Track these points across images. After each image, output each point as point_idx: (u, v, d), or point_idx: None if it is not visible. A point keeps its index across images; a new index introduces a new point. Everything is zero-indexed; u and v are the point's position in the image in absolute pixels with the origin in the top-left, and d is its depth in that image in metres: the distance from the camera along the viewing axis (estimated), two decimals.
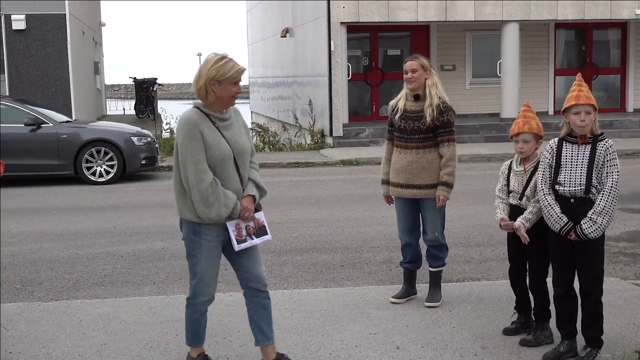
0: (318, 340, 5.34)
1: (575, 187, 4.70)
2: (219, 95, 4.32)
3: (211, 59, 4.34)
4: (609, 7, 19.84)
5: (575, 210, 4.71)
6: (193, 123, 4.28)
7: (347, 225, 9.65)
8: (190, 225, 4.51)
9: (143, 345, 5.33)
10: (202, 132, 4.27)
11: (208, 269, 4.57)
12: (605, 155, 4.67)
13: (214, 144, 4.29)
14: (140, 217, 10.44)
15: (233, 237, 4.47)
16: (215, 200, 4.30)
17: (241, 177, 4.45)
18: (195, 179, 4.29)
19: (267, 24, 28.64)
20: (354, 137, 19.28)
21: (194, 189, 4.31)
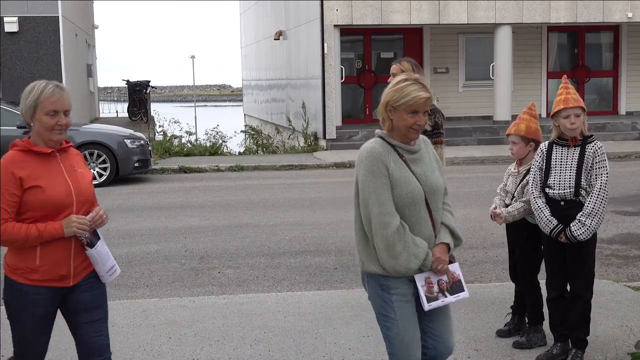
0: (311, 342, 5.34)
1: (564, 189, 4.72)
2: (395, 124, 3.66)
3: (395, 80, 3.73)
4: (602, 10, 19.90)
5: (565, 213, 4.72)
6: (377, 156, 3.59)
7: (341, 227, 9.65)
8: (375, 279, 3.71)
9: (136, 348, 5.32)
10: (387, 167, 3.58)
11: (407, 330, 3.66)
12: (594, 157, 4.68)
13: (401, 180, 3.59)
14: (133, 220, 10.42)
15: (422, 293, 3.69)
16: (403, 249, 3.57)
17: (433, 221, 3.76)
18: (379, 223, 3.55)
19: (260, 27, 28.65)
20: (347, 139, 19.29)
21: (378, 235, 3.58)
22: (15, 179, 3.54)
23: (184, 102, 68.92)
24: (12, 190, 3.53)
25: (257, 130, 22.76)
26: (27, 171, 3.57)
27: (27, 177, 3.56)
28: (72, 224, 3.58)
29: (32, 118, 3.62)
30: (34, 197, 3.56)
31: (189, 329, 5.68)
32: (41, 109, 3.59)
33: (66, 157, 3.74)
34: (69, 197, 3.63)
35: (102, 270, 3.83)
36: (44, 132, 3.62)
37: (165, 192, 13.28)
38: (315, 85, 19.82)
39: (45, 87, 3.62)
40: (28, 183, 3.55)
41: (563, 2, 19.67)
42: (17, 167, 3.56)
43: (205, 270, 7.75)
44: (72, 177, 3.68)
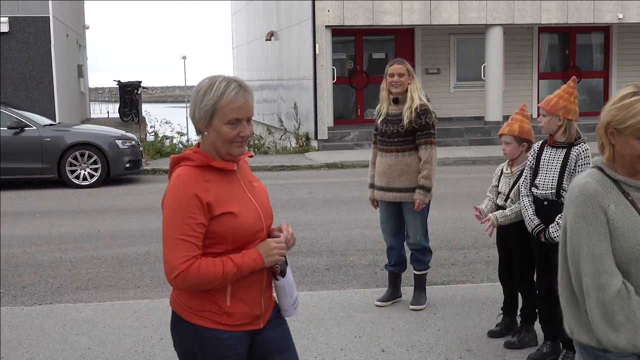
0: (303, 343, 5.33)
1: (547, 190, 4.77)
2: (619, 151, 2.73)
3: (619, 93, 2.74)
4: (592, 11, 19.98)
5: (547, 214, 4.77)
6: (592, 195, 2.69)
7: (332, 228, 9.65)
8: (590, 352, 2.75)
9: (127, 349, 5.30)
10: (605, 210, 2.66)
11: None
12: (577, 160, 4.69)
13: (625, 228, 2.64)
14: (124, 221, 10.39)
15: None
16: (627, 320, 2.62)
17: None
18: (594, 284, 2.65)
19: (252, 27, 28.63)
20: (339, 140, 19.30)
21: (592, 300, 2.66)
22: (202, 205, 2.77)
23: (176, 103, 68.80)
24: (199, 219, 2.77)
25: None
26: (214, 194, 2.81)
27: (215, 201, 2.80)
28: (273, 250, 2.90)
29: (208, 126, 2.84)
30: (224, 227, 2.81)
31: None
32: (221, 116, 2.80)
33: (240, 170, 2.99)
34: (259, 221, 2.93)
35: (287, 304, 3.21)
36: (221, 144, 2.85)
37: (157, 192, 13.25)
38: (307, 85, 19.82)
39: (227, 88, 2.81)
40: (218, 209, 2.80)
41: (554, 3, 19.74)
42: (201, 189, 2.80)
43: None
44: (254, 195, 2.98)
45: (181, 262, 2.75)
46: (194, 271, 2.75)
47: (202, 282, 2.78)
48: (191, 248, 2.75)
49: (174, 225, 2.76)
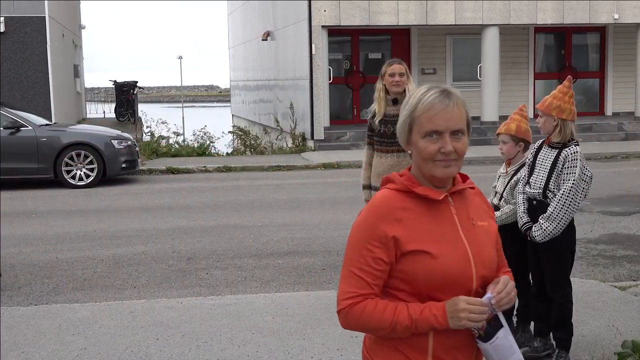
0: (300, 343, 5.33)
1: (536, 189, 4.80)
2: None
3: None
4: (588, 12, 20.01)
5: (535, 212, 4.81)
6: None
7: (329, 228, 9.65)
8: None
9: (123, 349, 5.30)
10: None
11: None
12: (565, 162, 4.70)
13: None
14: (120, 221, 10.38)
15: None
16: None
17: None
18: None
19: (248, 27, 28.62)
20: (335, 140, 19.30)
21: None
22: (386, 238, 2.28)
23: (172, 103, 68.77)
24: (378, 254, 2.28)
25: (245, 131, 22.73)
26: (406, 226, 2.29)
27: (405, 235, 2.28)
28: (460, 313, 2.24)
29: (409, 142, 2.37)
30: (416, 267, 2.28)
31: (176, 330, 5.66)
32: (418, 128, 2.32)
33: (461, 202, 2.42)
34: (467, 268, 2.33)
35: None
36: (422, 163, 2.34)
37: (153, 193, 13.24)
38: (303, 86, 19.82)
39: (425, 95, 2.33)
40: (409, 245, 2.28)
41: (550, 4, 19.76)
42: (390, 218, 2.30)
43: (193, 271, 7.73)
44: (470, 235, 2.38)
45: (345, 298, 2.32)
46: (356, 312, 2.30)
47: (363, 326, 2.32)
48: (360, 284, 2.29)
49: (351, 254, 2.35)
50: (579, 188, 4.67)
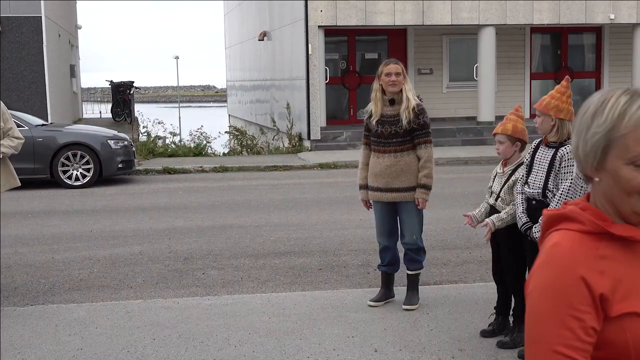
0: (296, 343, 5.34)
1: (535, 189, 4.82)
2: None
3: None
4: (584, 12, 20.04)
5: (534, 213, 4.82)
6: None
7: (325, 228, 9.65)
8: None
9: (120, 349, 5.29)
10: None
11: None
12: (561, 161, 4.72)
13: None
14: (116, 221, 10.37)
15: None
16: None
17: None
18: None
19: (244, 27, 28.61)
20: (331, 140, 19.30)
21: None
22: (593, 298, 1.65)
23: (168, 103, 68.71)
24: (589, 321, 1.64)
25: (242, 131, 22.72)
26: (611, 280, 1.67)
27: (612, 292, 1.66)
28: None
29: (599, 167, 1.71)
30: (625, 336, 1.66)
31: (173, 330, 5.66)
32: (620, 150, 1.66)
33: None
34: None
35: None
36: (621, 197, 1.69)
37: (149, 193, 13.23)
38: (300, 86, 19.82)
39: (630, 105, 1.68)
40: (617, 305, 1.65)
41: (546, 4, 19.79)
42: (593, 271, 1.67)
43: (189, 271, 7.73)
44: None
45: None
46: None
47: None
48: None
49: (547, 327, 1.67)
50: (577, 187, 4.68)
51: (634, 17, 20.27)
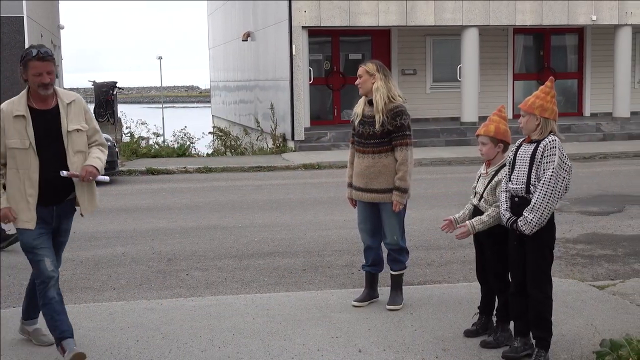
0: (280, 344, 5.33)
1: (518, 185, 4.85)
2: None
3: None
4: (566, 13, 20.16)
5: (518, 209, 4.85)
6: None
7: (309, 229, 9.65)
8: None
9: (103, 351, 5.27)
10: None
11: None
12: (543, 152, 4.76)
13: None
14: (99, 222, 10.32)
15: None
16: None
17: None
18: None
19: (228, 28, 28.56)
20: (315, 141, 19.31)
21: None
22: None
23: (152, 104, 68.51)
24: None
25: (225, 132, 22.68)
26: None
27: None
28: None
29: None
30: None
31: (156, 331, 5.64)
32: None
33: None
34: None
35: None
36: None
37: (133, 193, 13.18)
38: (284, 86, 19.81)
39: None
40: None
41: (529, 5, 19.89)
42: None
43: (173, 272, 7.70)
44: None
45: None
46: None
47: None
48: None
49: None
50: (559, 177, 4.71)
51: (616, 19, 20.42)
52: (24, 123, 4.87)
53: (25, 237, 5.02)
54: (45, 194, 4.96)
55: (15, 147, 4.86)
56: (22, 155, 4.87)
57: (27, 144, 4.87)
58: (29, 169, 4.89)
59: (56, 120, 4.96)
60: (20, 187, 4.90)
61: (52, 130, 4.95)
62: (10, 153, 4.89)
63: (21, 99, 4.93)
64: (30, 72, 4.82)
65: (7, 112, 4.88)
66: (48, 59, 4.83)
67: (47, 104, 4.98)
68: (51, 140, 4.94)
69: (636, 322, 5.64)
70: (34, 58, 4.80)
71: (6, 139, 4.87)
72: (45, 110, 4.96)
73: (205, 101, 56.94)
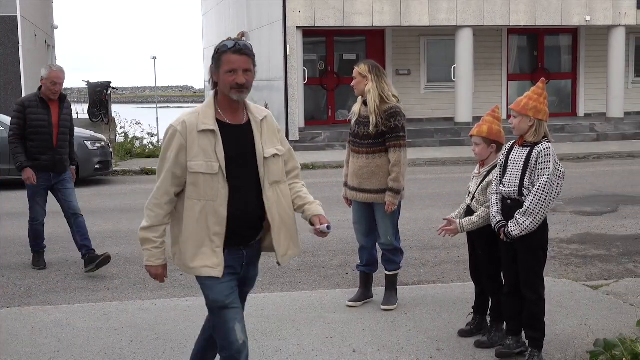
0: (274, 344, 5.33)
1: (510, 188, 4.85)
2: None
3: None
4: (560, 14, 20.20)
5: (510, 212, 4.85)
6: None
7: (303, 229, 9.60)
8: None
9: (97, 352, 5.26)
10: None
11: None
12: (538, 158, 4.76)
13: None
14: (93, 223, 10.29)
15: None
16: None
17: None
18: None
19: (222, 28, 28.53)
20: (310, 141, 19.30)
21: None
22: None
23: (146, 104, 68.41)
24: None
25: None
26: None
27: None
28: None
29: None
30: None
31: (151, 332, 5.63)
32: None
33: None
34: None
35: None
36: None
37: (127, 194, 13.16)
38: (278, 86, 19.80)
39: None
40: None
41: (523, 5, 19.93)
42: None
43: (167, 272, 7.67)
44: None
45: None
46: None
47: None
48: None
49: None
50: (553, 183, 4.73)
51: (609, 19, 20.48)
52: (212, 140, 3.73)
53: (214, 293, 3.93)
54: (234, 234, 3.90)
55: (200, 172, 3.72)
56: (208, 183, 3.74)
57: (216, 167, 3.72)
58: (215, 201, 3.76)
59: (248, 141, 3.85)
60: (203, 224, 3.83)
61: (245, 152, 3.83)
62: (193, 179, 3.75)
63: (208, 109, 3.80)
64: (223, 68, 3.72)
65: (192, 126, 3.73)
66: (247, 53, 3.72)
67: (239, 118, 3.86)
68: (241, 165, 3.81)
69: (630, 322, 5.65)
70: (230, 50, 3.69)
71: (189, 160, 3.73)
72: (236, 125, 3.83)
73: (199, 101, 56.89)
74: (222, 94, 3.79)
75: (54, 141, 8.06)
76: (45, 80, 8.02)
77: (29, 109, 8.00)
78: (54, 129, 8.06)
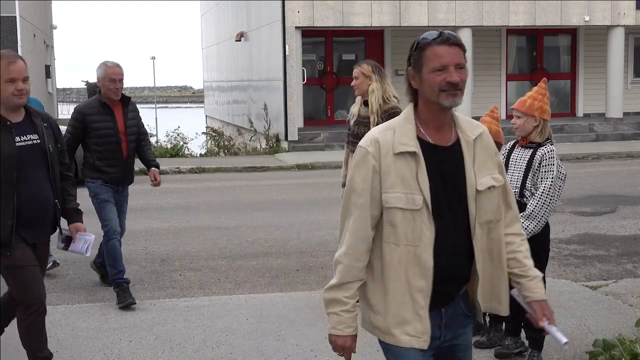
0: (273, 345, 5.33)
1: (512, 189, 4.84)
2: None
3: None
4: (559, 14, 20.21)
5: None
6: None
7: (303, 229, 9.65)
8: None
9: (96, 352, 5.26)
10: None
11: None
12: (542, 160, 4.76)
13: None
14: (92, 223, 10.23)
15: None
16: None
17: None
18: None
19: (221, 28, 28.54)
20: (309, 141, 19.30)
21: None
22: None
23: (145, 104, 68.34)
24: None
25: (219, 132, 22.66)
26: None
27: None
28: None
29: None
30: None
31: (149, 332, 5.63)
32: None
33: None
34: None
35: None
36: None
37: None
38: (277, 87, 19.80)
39: None
40: None
41: (522, 6, 19.93)
42: None
43: (166, 272, 7.69)
44: None
45: None
46: None
47: None
48: None
49: None
50: (556, 187, 4.73)
51: (608, 19, 20.48)
52: (413, 166, 2.78)
53: None
54: (439, 290, 2.86)
55: (397, 206, 2.76)
56: (408, 221, 2.77)
57: (419, 201, 2.76)
58: (418, 245, 2.78)
59: (457, 167, 2.85)
60: (402, 276, 2.83)
61: (454, 183, 2.83)
62: (389, 216, 2.79)
63: (406, 124, 2.83)
64: (427, 66, 2.75)
65: (387, 146, 2.79)
66: (458, 42, 2.76)
67: (445, 136, 2.85)
68: (448, 199, 2.81)
69: (629, 322, 5.65)
70: (435, 42, 2.73)
71: (384, 192, 2.78)
72: (443, 147, 2.84)
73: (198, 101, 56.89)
74: (424, 103, 2.82)
75: (123, 152, 7.01)
76: (102, 80, 6.66)
77: (89, 116, 6.78)
78: (121, 136, 6.90)
